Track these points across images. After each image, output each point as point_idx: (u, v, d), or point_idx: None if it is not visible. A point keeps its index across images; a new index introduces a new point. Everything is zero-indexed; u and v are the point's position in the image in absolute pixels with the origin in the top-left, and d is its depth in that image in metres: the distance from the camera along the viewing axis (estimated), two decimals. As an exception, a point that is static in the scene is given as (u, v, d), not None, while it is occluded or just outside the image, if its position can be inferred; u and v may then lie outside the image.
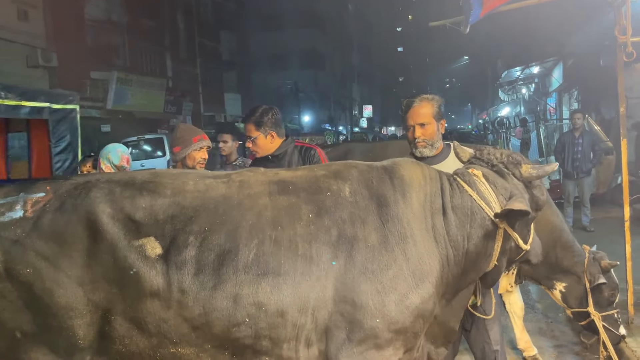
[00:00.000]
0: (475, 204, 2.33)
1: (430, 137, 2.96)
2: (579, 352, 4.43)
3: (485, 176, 2.40)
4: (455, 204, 2.33)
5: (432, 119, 2.96)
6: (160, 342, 2.03)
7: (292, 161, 3.56)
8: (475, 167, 2.47)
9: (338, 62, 47.04)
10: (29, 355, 2.03)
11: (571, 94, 17.50)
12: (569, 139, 8.68)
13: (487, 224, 2.33)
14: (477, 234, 2.33)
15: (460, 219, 2.32)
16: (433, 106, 2.96)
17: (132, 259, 2.01)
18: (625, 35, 4.13)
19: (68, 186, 2.13)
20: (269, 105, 3.62)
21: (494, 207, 2.33)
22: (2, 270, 2.00)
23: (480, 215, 2.33)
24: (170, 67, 24.24)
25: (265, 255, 2.05)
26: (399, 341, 2.16)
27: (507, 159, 2.45)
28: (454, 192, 2.36)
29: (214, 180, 2.24)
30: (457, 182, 2.41)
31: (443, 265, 2.27)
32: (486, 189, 2.36)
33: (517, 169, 2.43)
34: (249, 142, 3.52)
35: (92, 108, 18.82)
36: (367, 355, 2.12)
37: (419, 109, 2.97)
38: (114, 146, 4.01)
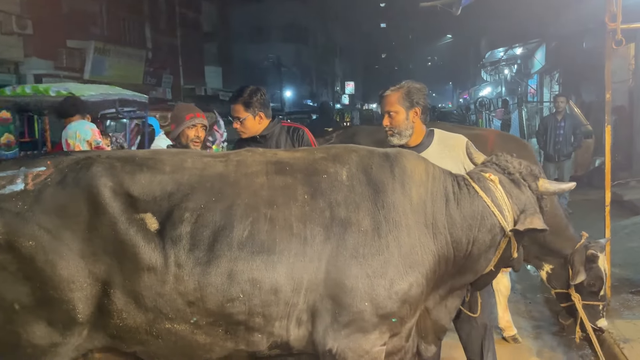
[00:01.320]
0: (488, 210, 2.33)
1: (396, 125, 2.97)
2: (557, 333, 4.56)
3: (502, 183, 2.40)
4: (464, 206, 2.34)
5: (400, 107, 2.96)
6: (156, 317, 2.06)
7: (280, 141, 3.55)
8: (491, 171, 2.46)
9: (321, 36, 46.50)
10: (26, 328, 2.03)
11: (552, 76, 17.65)
12: (552, 122, 8.81)
13: (495, 231, 2.36)
14: (483, 239, 2.35)
15: (468, 222, 2.32)
16: (402, 94, 2.97)
17: (131, 233, 2.03)
18: (615, 22, 4.15)
19: (69, 161, 2.14)
20: (254, 84, 3.60)
21: (506, 217, 2.34)
22: (3, 242, 1.99)
23: (491, 222, 2.34)
24: (150, 38, 23.58)
25: (259, 233, 2.08)
26: (384, 326, 2.20)
27: (525, 170, 2.44)
28: (462, 195, 2.37)
29: (212, 159, 2.28)
30: (470, 185, 2.40)
31: (439, 262, 2.29)
32: (502, 196, 2.36)
33: (535, 182, 2.43)
34: (237, 123, 3.49)
35: (69, 78, 18.20)
36: (352, 338, 2.16)
37: (388, 98, 3.01)
38: (80, 123, 3.89)
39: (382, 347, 2.25)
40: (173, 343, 2.11)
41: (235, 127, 3.51)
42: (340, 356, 2.16)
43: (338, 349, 2.15)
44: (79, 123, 3.79)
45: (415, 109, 2.99)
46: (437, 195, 2.33)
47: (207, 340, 2.12)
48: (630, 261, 5.60)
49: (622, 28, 4.32)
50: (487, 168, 2.51)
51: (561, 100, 8.90)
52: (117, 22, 21.43)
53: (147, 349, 2.14)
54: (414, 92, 3.00)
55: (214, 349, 2.14)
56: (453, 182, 2.42)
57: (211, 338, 2.12)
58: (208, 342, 2.12)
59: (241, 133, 3.52)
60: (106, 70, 19.23)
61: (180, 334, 2.09)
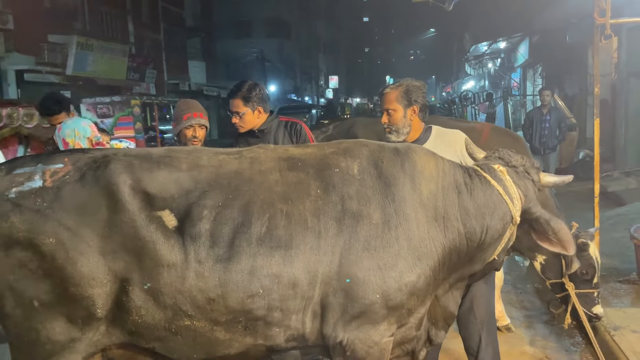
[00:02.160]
0: (500, 198, 2.40)
1: (394, 123, 3.03)
2: (548, 321, 4.66)
3: (510, 173, 2.48)
4: (477, 196, 2.40)
5: (398, 105, 3.01)
6: (175, 315, 2.08)
7: (278, 136, 3.57)
8: (498, 162, 2.54)
9: (304, 31, 46.38)
10: (45, 325, 2.04)
11: (535, 70, 17.88)
12: (537, 116, 8.95)
13: (506, 219, 2.43)
14: (496, 226, 2.42)
15: (482, 210, 2.38)
16: (400, 92, 3.01)
17: (151, 230, 2.05)
18: (604, 18, 4.23)
19: (87, 159, 2.15)
20: (238, 79, 3.62)
21: (516, 205, 2.42)
22: (23, 240, 1.99)
23: (503, 210, 2.41)
24: (133, 33, 23.37)
25: (277, 229, 2.11)
26: (393, 317, 2.25)
27: (528, 163, 2.53)
28: (474, 185, 2.42)
29: (226, 156, 2.30)
30: (481, 175, 2.46)
31: (450, 254, 2.34)
32: (511, 185, 2.43)
33: (537, 175, 2.52)
34: (236, 117, 3.50)
35: (51, 73, 18.00)
36: (362, 330, 2.20)
37: (387, 96, 3.06)
38: (75, 121, 3.76)
39: (390, 338, 2.30)
40: (192, 339, 2.13)
41: (234, 121, 3.52)
42: (350, 347, 2.20)
43: (348, 340, 2.19)
44: (74, 121, 3.70)
45: (413, 107, 3.02)
46: (449, 189, 2.37)
47: (226, 336, 2.14)
48: (616, 251, 5.73)
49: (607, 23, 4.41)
50: (493, 161, 2.57)
51: (547, 94, 9.03)
52: (99, 17, 21.17)
53: (166, 345, 2.15)
54: (413, 91, 3.04)
55: (233, 344, 2.16)
56: (464, 173, 2.47)
57: (231, 334, 2.14)
58: (227, 338, 2.14)
59: (240, 128, 3.53)
60: (89, 66, 18.97)
61: (199, 330, 2.10)
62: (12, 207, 2.01)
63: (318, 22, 50.69)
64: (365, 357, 2.23)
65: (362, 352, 2.22)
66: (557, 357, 4.01)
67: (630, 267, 5.24)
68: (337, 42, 59.08)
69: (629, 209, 7.89)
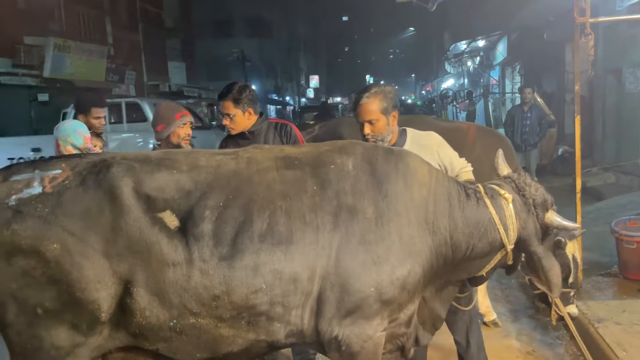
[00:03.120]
0: (493, 225, 2.44)
1: (379, 132, 2.96)
2: (533, 316, 4.75)
3: (514, 203, 2.48)
4: (468, 215, 2.43)
5: (381, 114, 2.94)
6: (180, 313, 2.09)
7: (268, 137, 3.59)
8: (508, 189, 2.54)
9: (284, 30, 46.34)
10: (50, 332, 2.03)
11: (514, 68, 18.12)
12: (518, 113, 9.04)
13: (495, 245, 2.48)
14: (482, 248, 2.47)
15: (470, 229, 2.42)
16: (381, 101, 2.93)
17: (154, 232, 2.06)
18: (584, 17, 4.32)
19: (85, 164, 2.16)
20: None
21: (510, 235, 2.46)
22: (27, 247, 1.98)
23: (493, 236, 2.46)
24: (111, 34, 23.03)
25: (278, 225, 2.15)
26: (386, 311, 2.29)
27: (539, 199, 2.52)
28: (469, 204, 2.46)
29: (223, 157, 2.33)
30: (481, 197, 2.49)
31: (437, 257, 2.39)
32: (510, 215, 2.46)
33: (543, 213, 2.52)
34: (227, 119, 3.51)
35: (27, 76, 17.66)
36: (357, 324, 2.24)
37: (367, 106, 2.94)
38: (72, 127, 3.67)
39: (383, 333, 2.35)
40: (197, 338, 2.14)
41: (225, 123, 3.53)
42: (345, 342, 2.24)
43: (343, 335, 2.22)
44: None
45: (393, 113, 2.99)
46: (440, 198, 2.41)
47: (230, 332, 2.16)
48: (597, 245, 5.84)
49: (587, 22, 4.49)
50: (505, 184, 2.58)
51: (528, 92, 9.13)
52: (76, 18, 20.80)
53: (170, 345, 2.16)
54: (390, 97, 2.99)
55: (237, 341, 2.18)
56: (460, 189, 2.49)
57: (234, 330, 2.16)
58: (231, 335, 2.16)
59: (230, 130, 3.54)
60: (67, 68, 18.65)
61: (204, 328, 2.12)
62: (13, 215, 2.00)
63: (298, 22, 50.69)
64: (360, 351, 2.27)
65: (357, 347, 2.26)
66: (543, 351, 4.08)
67: (612, 261, 5.35)
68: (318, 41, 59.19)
69: (608, 203, 8.06)
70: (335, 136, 4.68)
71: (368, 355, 2.30)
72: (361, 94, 2.99)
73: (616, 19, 6.67)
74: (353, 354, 2.27)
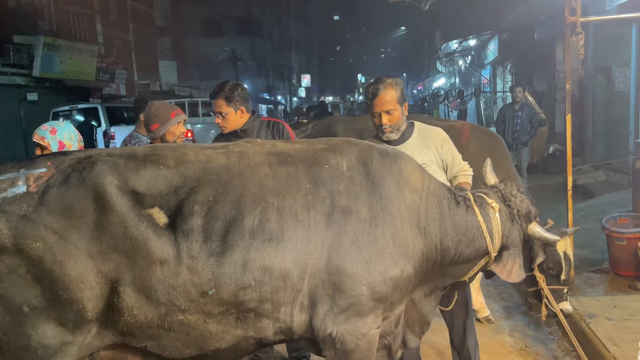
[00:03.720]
0: (481, 233, 2.52)
1: (396, 122, 3.07)
2: (526, 312, 4.80)
3: (501, 212, 2.58)
4: (457, 222, 2.50)
5: (397, 104, 3.05)
6: (168, 310, 2.08)
7: (261, 136, 3.59)
8: (494, 198, 2.63)
9: (276, 29, 46.28)
10: (37, 330, 2.03)
11: (505, 67, 18.23)
12: (509, 112, 9.08)
13: (480, 252, 2.56)
14: (469, 255, 2.55)
15: (459, 237, 2.49)
16: (397, 92, 3.05)
17: (141, 229, 2.05)
18: (574, 16, 4.36)
19: (70, 161, 2.14)
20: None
21: (495, 243, 2.54)
22: (10, 246, 1.97)
23: (479, 244, 2.54)
24: (102, 33, 22.94)
25: (269, 222, 2.15)
26: (379, 309, 2.31)
27: (523, 210, 2.62)
28: (458, 212, 2.52)
29: (213, 151, 2.30)
30: (471, 206, 2.56)
31: (427, 261, 2.44)
32: (497, 225, 2.55)
33: (526, 224, 2.63)
34: (219, 118, 3.51)
35: (17, 75, 17.54)
36: (351, 322, 2.25)
37: (384, 97, 3.03)
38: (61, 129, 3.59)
39: (377, 330, 2.37)
40: (185, 334, 2.14)
41: (217, 122, 3.53)
42: (340, 340, 2.25)
43: (337, 332, 2.24)
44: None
45: (405, 104, 3.12)
46: (432, 205, 2.46)
47: (218, 328, 2.16)
48: (588, 242, 5.91)
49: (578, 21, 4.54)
50: (492, 194, 2.67)
51: (519, 91, 9.16)
52: (66, 17, 20.71)
53: (159, 342, 2.16)
54: (402, 88, 3.11)
55: (225, 337, 2.19)
56: (450, 197, 2.55)
57: (223, 326, 2.16)
58: (220, 331, 2.16)
59: (223, 128, 3.53)
60: (57, 67, 18.52)
61: (192, 324, 2.12)
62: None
63: (289, 21, 50.64)
64: (354, 349, 2.29)
65: (352, 344, 2.27)
66: (536, 347, 4.12)
67: (602, 257, 5.41)
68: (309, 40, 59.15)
69: (598, 201, 8.14)
70: (329, 135, 4.71)
71: (362, 352, 2.32)
72: (376, 86, 3.04)
73: (606, 18, 6.75)
74: (347, 351, 2.28)
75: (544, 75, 14.33)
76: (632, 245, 4.84)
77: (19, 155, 15.50)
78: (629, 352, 3.48)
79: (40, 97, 18.17)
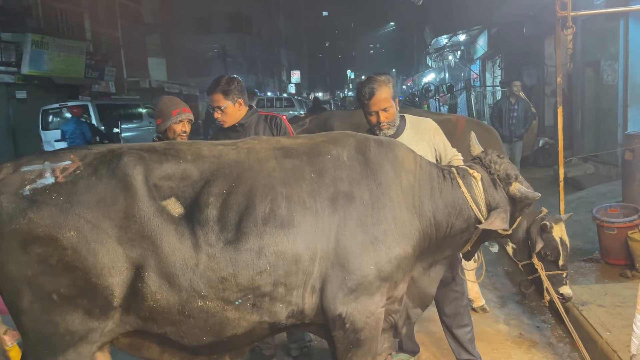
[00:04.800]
0: (466, 203, 2.64)
1: (392, 118, 3.16)
2: (520, 301, 4.89)
3: (483, 181, 2.70)
4: (445, 195, 2.63)
5: (392, 101, 3.14)
6: (189, 297, 2.17)
7: (259, 130, 3.62)
8: (477, 167, 2.76)
9: (265, 26, 46.16)
10: (65, 317, 2.09)
11: (494, 62, 18.37)
12: (506, 105, 9.19)
13: (471, 221, 2.68)
14: (460, 226, 2.66)
15: (448, 209, 2.62)
16: (390, 88, 3.14)
17: (164, 217, 2.15)
18: (565, 10, 4.45)
19: (94, 154, 2.23)
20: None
21: (482, 210, 2.66)
22: (44, 235, 2.03)
23: (468, 213, 2.65)
24: (90, 30, 22.74)
25: (279, 209, 2.26)
26: (384, 288, 2.43)
27: (502, 174, 2.73)
28: (445, 185, 2.65)
29: (224, 147, 2.43)
30: (455, 178, 2.68)
31: (424, 238, 2.57)
32: (480, 192, 2.67)
33: (507, 186, 2.71)
34: (218, 112, 3.53)
35: (5, 73, 17.40)
36: (360, 301, 2.36)
37: (380, 95, 3.09)
38: None
39: (383, 309, 2.49)
40: (204, 321, 2.22)
41: (216, 117, 3.55)
42: (349, 319, 2.36)
43: (347, 312, 2.34)
44: None
45: (397, 99, 3.22)
46: (424, 183, 2.60)
47: (236, 315, 2.24)
48: (579, 232, 6.02)
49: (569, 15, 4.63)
50: (474, 164, 2.81)
51: (517, 84, 9.22)
52: (54, 14, 20.52)
53: (178, 328, 2.23)
54: (393, 84, 3.20)
55: (241, 323, 2.27)
56: (438, 173, 2.69)
57: (239, 312, 2.24)
58: (237, 317, 2.25)
59: (223, 123, 3.56)
60: (45, 64, 18.40)
61: (211, 311, 2.21)
62: (29, 204, 2.04)
63: (279, 17, 50.52)
64: (363, 327, 2.40)
65: (361, 323, 2.38)
66: (531, 334, 4.22)
67: (593, 247, 5.53)
68: (298, 37, 59.05)
69: (588, 192, 8.28)
70: (325, 129, 4.76)
71: (371, 330, 2.43)
72: (371, 85, 3.08)
73: (596, 12, 6.86)
74: (357, 330, 2.39)
75: (533, 69, 14.47)
76: (622, 235, 4.95)
77: (8, 153, 15.38)
78: (621, 337, 3.58)
79: (29, 95, 18.04)
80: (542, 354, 3.89)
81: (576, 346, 3.87)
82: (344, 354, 2.47)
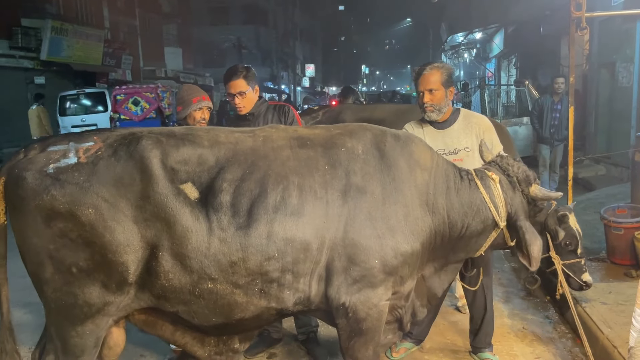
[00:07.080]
0: (485, 204, 2.66)
1: (437, 102, 3.21)
2: (524, 297, 4.96)
3: (501, 183, 2.72)
4: (462, 196, 2.65)
5: (441, 85, 3.20)
6: (200, 278, 2.26)
7: (268, 118, 3.69)
8: (494, 170, 2.78)
9: (281, 18, 46.11)
10: (83, 290, 2.22)
11: (510, 60, 18.29)
12: (548, 104, 8.29)
13: (488, 223, 2.69)
14: (476, 227, 2.68)
15: (465, 209, 2.64)
16: (442, 74, 3.21)
17: (179, 200, 2.23)
18: (580, 11, 4.49)
19: (115, 137, 2.33)
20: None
21: (500, 212, 2.68)
22: (64, 212, 2.15)
23: (485, 215, 2.67)
24: (108, 18, 22.98)
25: (290, 198, 2.33)
26: (389, 282, 2.48)
27: (522, 175, 2.76)
28: (462, 186, 2.67)
29: (241, 135, 2.50)
30: (473, 179, 2.71)
31: (435, 236, 2.60)
32: (499, 194, 2.69)
33: (527, 188, 2.75)
34: (239, 98, 3.57)
35: (24, 58, 17.66)
36: (363, 292, 2.42)
37: (429, 76, 3.20)
38: None
39: (387, 302, 2.54)
40: (213, 302, 2.32)
41: (236, 103, 3.60)
42: (352, 309, 2.43)
43: (350, 302, 2.41)
44: None
45: (451, 88, 3.26)
46: (439, 181, 2.63)
47: (244, 299, 2.34)
48: (587, 232, 6.01)
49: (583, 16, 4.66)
50: (491, 167, 2.83)
51: (561, 82, 8.11)
52: (73, 1, 20.71)
53: (189, 308, 2.33)
54: (449, 74, 3.26)
55: (249, 307, 2.36)
56: (455, 173, 2.72)
57: (248, 297, 2.34)
58: (245, 301, 2.34)
59: (241, 109, 3.62)
60: (64, 51, 18.63)
61: (220, 293, 2.30)
62: (52, 182, 2.16)
63: (294, 10, 50.43)
64: (365, 318, 2.46)
65: (363, 314, 2.45)
66: (534, 328, 4.29)
67: (600, 247, 5.57)
68: (314, 30, 58.89)
69: (598, 193, 8.27)
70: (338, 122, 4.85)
71: (373, 321, 2.49)
72: (424, 66, 3.25)
73: (611, 13, 6.87)
74: (359, 320, 2.46)
75: (548, 69, 14.40)
76: (628, 235, 4.99)
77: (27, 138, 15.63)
78: (622, 334, 3.64)
79: (47, 80, 18.29)
80: (544, 348, 3.97)
81: (578, 342, 3.95)
82: (346, 341, 2.54)
